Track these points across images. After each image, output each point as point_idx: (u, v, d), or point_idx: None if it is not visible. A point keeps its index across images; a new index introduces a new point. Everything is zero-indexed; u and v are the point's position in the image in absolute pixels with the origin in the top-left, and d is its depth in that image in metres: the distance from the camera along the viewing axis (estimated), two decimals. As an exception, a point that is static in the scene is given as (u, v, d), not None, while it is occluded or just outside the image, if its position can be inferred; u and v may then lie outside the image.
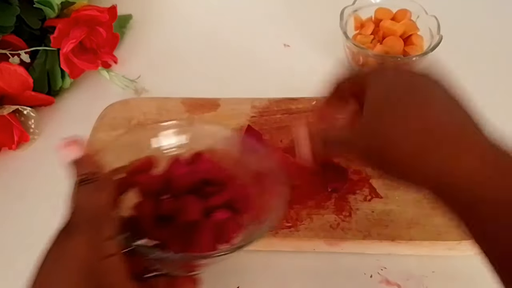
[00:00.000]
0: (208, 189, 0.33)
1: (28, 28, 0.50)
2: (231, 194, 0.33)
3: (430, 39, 0.50)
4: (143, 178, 0.32)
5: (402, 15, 0.52)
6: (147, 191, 0.32)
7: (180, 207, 0.31)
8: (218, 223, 0.31)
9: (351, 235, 0.38)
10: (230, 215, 0.32)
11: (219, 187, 0.33)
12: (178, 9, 0.65)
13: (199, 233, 0.30)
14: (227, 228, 0.31)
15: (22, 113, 0.47)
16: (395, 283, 0.37)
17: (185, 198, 0.32)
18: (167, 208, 0.31)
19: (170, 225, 0.31)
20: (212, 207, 0.31)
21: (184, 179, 0.32)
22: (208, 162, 0.34)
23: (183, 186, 0.32)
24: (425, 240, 0.37)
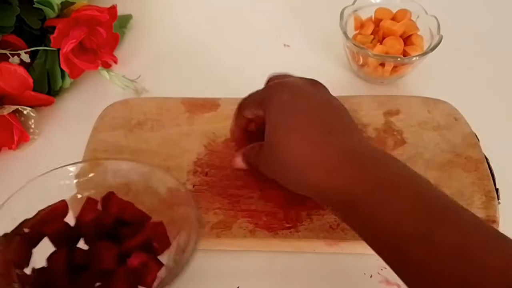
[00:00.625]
0: (123, 230, 0.32)
1: (28, 28, 0.49)
2: (147, 233, 0.32)
3: (430, 39, 0.50)
4: (51, 228, 0.31)
5: (402, 15, 0.52)
6: (58, 240, 0.31)
7: (93, 255, 0.30)
8: (134, 269, 0.30)
9: (351, 236, 0.37)
10: (147, 257, 0.30)
11: (135, 227, 0.32)
12: (178, 9, 0.65)
13: (114, 282, 0.29)
14: (144, 272, 0.30)
15: (22, 113, 0.47)
16: (395, 283, 0.37)
17: (99, 245, 0.30)
18: (80, 257, 0.30)
19: (85, 275, 0.30)
20: (128, 251, 0.30)
21: (95, 223, 0.31)
22: (119, 202, 0.33)
23: (95, 231, 0.31)
24: (425, 240, 0.37)
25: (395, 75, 0.51)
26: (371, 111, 0.46)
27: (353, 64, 0.53)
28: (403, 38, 0.51)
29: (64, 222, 0.32)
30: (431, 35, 0.50)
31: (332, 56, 0.56)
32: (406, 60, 0.48)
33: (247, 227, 0.38)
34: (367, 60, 0.50)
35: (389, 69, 0.50)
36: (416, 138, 0.43)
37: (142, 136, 0.45)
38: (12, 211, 0.31)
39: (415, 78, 0.53)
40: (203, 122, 0.46)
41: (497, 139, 0.45)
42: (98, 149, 0.44)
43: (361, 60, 0.51)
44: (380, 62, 0.49)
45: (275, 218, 0.38)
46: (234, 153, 0.39)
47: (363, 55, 0.50)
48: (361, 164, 0.30)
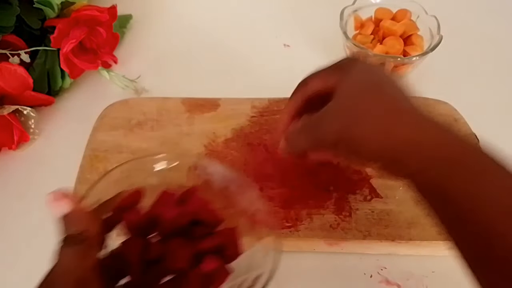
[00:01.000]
0: (197, 229, 0.31)
1: (28, 28, 0.49)
2: (221, 238, 0.31)
3: (430, 39, 0.50)
4: (130, 216, 0.31)
5: (402, 15, 0.52)
6: (135, 229, 0.31)
7: (167, 252, 0.30)
8: (207, 273, 0.30)
9: (351, 235, 0.38)
10: (219, 264, 0.30)
11: (209, 228, 0.32)
12: (178, 9, 0.65)
13: (187, 284, 0.29)
14: (215, 279, 0.30)
15: (22, 113, 0.47)
16: (395, 283, 0.37)
17: (173, 242, 0.30)
18: (154, 251, 0.30)
19: (156, 269, 0.30)
20: (201, 252, 0.30)
21: (174, 221, 0.31)
22: (199, 201, 0.33)
23: (172, 227, 0.31)
24: (425, 240, 0.37)
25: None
26: (371, 111, 0.46)
27: None
28: (403, 38, 0.51)
29: (143, 212, 0.32)
30: (431, 35, 0.50)
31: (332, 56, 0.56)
32: (406, 60, 0.48)
33: (247, 227, 0.38)
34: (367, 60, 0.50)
35: (389, 69, 0.50)
36: (416, 138, 0.43)
37: (142, 136, 0.45)
38: (98, 193, 0.31)
39: (415, 78, 0.53)
40: (203, 122, 0.46)
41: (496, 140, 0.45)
42: (98, 149, 0.44)
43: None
44: (380, 62, 0.49)
45: (275, 218, 0.38)
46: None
47: (363, 55, 0.50)
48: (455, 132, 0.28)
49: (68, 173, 0.43)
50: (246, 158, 0.43)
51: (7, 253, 0.40)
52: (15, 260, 0.40)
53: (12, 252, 0.41)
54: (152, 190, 0.33)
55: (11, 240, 0.41)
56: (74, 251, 0.25)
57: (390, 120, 0.28)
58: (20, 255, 0.40)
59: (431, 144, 0.27)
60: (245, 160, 0.43)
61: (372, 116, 0.29)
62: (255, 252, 0.32)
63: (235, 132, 0.45)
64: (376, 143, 0.28)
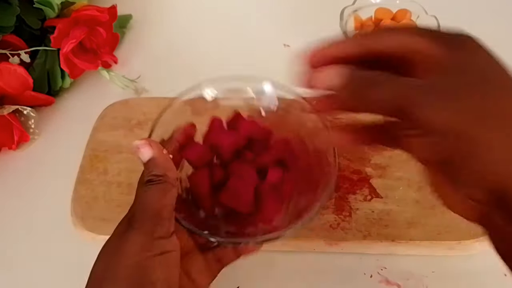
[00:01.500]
0: (254, 147, 0.33)
1: (28, 28, 0.49)
2: (277, 150, 0.32)
3: None
4: (191, 151, 0.32)
5: (402, 15, 0.52)
6: (197, 161, 0.32)
7: (233, 173, 0.31)
8: (275, 183, 0.31)
9: (351, 235, 0.38)
10: (283, 172, 0.31)
11: (264, 144, 0.33)
12: (178, 9, 0.65)
13: (263, 199, 0.30)
14: (282, 187, 0.31)
15: (22, 113, 0.47)
16: (395, 283, 0.37)
17: (235, 164, 0.32)
18: (219, 176, 0.31)
19: (227, 194, 0.31)
20: (263, 167, 0.31)
21: (232, 145, 0.32)
22: (249, 123, 0.34)
23: (231, 152, 0.32)
24: (425, 240, 0.37)
25: None
26: (371, 111, 0.46)
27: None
28: (403, 38, 0.51)
29: (201, 145, 0.33)
30: None
31: (332, 56, 0.56)
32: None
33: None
34: None
35: (389, 69, 0.50)
36: (416, 138, 0.43)
37: (142, 135, 0.44)
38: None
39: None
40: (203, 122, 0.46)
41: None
42: (98, 149, 0.44)
43: None
44: None
45: None
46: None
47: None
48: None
49: (68, 173, 0.43)
50: (246, 158, 0.43)
51: (7, 253, 0.40)
52: (15, 260, 0.40)
53: (12, 252, 0.41)
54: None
55: (11, 240, 0.41)
56: (155, 190, 0.27)
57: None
58: (20, 255, 0.40)
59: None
60: (245, 160, 0.42)
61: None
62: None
63: (235, 132, 0.45)
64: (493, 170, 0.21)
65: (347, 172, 0.41)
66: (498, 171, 0.21)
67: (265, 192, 0.31)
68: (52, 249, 0.40)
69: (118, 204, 0.40)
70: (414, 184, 0.40)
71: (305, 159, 0.33)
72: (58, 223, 0.41)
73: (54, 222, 0.41)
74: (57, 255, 0.40)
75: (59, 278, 0.38)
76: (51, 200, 0.43)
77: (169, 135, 0.33)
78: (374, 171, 0.41)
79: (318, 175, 0.31)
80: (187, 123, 0.34)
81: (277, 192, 0.31)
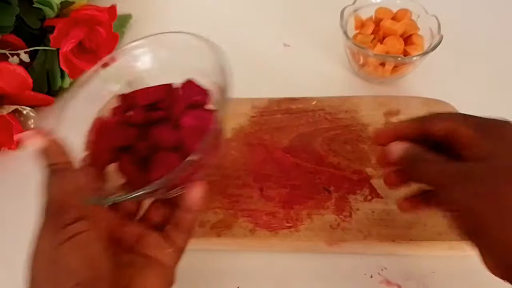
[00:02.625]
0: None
1: (28, 28, 0.49)
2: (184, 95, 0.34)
3: (431, 39, 0.50)
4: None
5: (403, 15, 0.52)
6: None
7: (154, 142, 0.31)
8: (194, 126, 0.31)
9: (351, 236, 0.37)
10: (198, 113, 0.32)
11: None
12: (178, 9, 0.65)
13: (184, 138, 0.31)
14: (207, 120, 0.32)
15: (22, 113, 0.47)
16: (395, 284, 0.37)
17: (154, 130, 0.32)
18: (144, 152, 0.31)
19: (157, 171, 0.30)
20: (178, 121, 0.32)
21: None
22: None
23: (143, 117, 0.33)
24: (425, 240, 0.37)
25: (395, 74, 0.51)
26: (372, 111, 0.46)
27: (353, 64, 0.53)
28: (404, 38, 0.51)
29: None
30: (432, 35, 0.50)
31: (332, 55, 0.56)
32: (407, 60, 0.48)
33: (247, 227, 0.38)
34: (368, 60, 0.50)
35: (389, 68, 0.50)
36: (416, 138, 0.43)
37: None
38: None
39: (415, 78, 0.53)
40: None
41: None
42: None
43: (362, 60, 0.51)
44: (380, 61, 0.49)
45: (275, 218, 0.38)
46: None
47: (363, 55, 0.49)
48: None
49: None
50: (246, 158, 0.43)
51: (7, 253, 0.40)
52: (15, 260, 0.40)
53: (12, 252, 0.40)
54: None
55: (11, 240, 0.41)
56: (51, 180, 0.28)
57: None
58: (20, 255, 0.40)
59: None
60: (245, 160, 0.42)
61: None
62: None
63: (235, 132, 0.45)
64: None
65: (348, 172, 0.41)
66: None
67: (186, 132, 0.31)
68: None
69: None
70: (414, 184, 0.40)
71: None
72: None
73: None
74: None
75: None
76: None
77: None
78: (375, 171, 0.41)
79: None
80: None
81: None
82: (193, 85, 0.34)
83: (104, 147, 0.32)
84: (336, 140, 0.44)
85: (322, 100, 0.47)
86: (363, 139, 0.43)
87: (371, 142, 0.34)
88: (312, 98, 0.47)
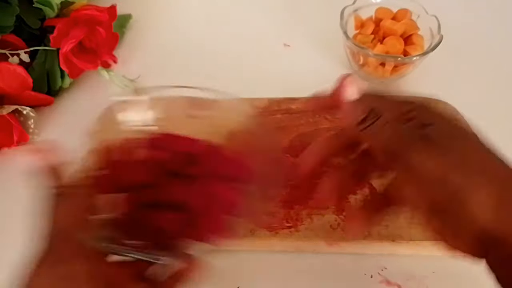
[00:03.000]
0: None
1: (28, 28, 0.50)
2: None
3: (431, 38, 0.50)
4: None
5: (403, 15, 0.52)
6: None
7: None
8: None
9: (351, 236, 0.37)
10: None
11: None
12: (178, 9, 0.65)
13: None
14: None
15: (22, 113, 0.47)
16: (395, 284, 0.37)
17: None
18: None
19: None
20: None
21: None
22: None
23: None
24: (426, 240, 0.37)
25: (395, 74, 0.51)
26: (371, 111, 0.46)
27: (353, 64, 0.53)
28: (404, 38, 0.51)
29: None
30: (432, 35, 0.50)
31: (332, 56, 0.56)
32: (407, 60, 0.48)
33: (247, 227, 0.38)
34: (368, 60, 0.50)
35: (389, 69, 0.50)
36: (416, 138, 0.43)
37: (142, 136, 0.45)
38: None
39: (415, 78, 0.53)
40: (203, 121, 0.46)
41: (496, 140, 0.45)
42: (97, 149, 0.43)
43: (362, 60, 0.51)
44: (380, 62, 0.49)
45: (275, 218, 0.38)
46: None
47: (363, 55, 0.49)
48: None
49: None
50: (246, 158, 0.43)
51: (7, 253, 0.40)
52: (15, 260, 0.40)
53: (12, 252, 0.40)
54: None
55: (11, 240, 0.41)
56: (62, 205, 0.26)
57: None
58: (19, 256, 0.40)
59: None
60: (245, 160, 0.42)
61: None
62: None
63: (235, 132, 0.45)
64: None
65: (347, 172, 0.41)
66: (483, 214, 0.23)
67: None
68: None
69: (117, 204, 0.40)
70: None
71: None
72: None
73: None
74: (56, 256, 0.40)
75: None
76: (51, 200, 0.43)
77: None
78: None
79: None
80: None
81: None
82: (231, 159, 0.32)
83: (127, 179, 0.30)
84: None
85: (322, 100, 0.47)
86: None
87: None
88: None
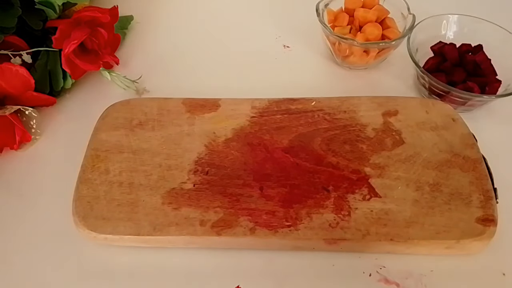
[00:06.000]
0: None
1: (30, 29, 0.50)
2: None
3: (403, 19, 0.52)
4: None
5: (371, 1, 0.53)
6: None
7: None
8: None
9: (350, 234, 0.38)
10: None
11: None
12: (179, 10, 0.65)
13: None
14: None
15: (24, 113, 0.48)
16: (394, 282, 0.38)
17: None
18: None
19: None
20: None
21: None
22: None
23: None
24: (424, 239, 0.37)
25: (378, 59, 0.53)
26: (370, 111, 0.46)
27: (336, 56, 0.54)
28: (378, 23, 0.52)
29: None
30: (403, 16, 0.52)
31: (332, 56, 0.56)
32: (392, 44, 0.50)
33: (247, 226, 0.38)
34: (353, 50, 0.51)
35: (374, 55, 0.51)
36: (414, 138, 0.44)
37: (143, 135, 0.45)
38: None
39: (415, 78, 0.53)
40: (203, 122, 0.46)
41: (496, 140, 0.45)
42: (99, 149, 0.44)
43: (347, 51, 0.52)
44: (364, 49, 0.50)
45: (275, 217, 0.39)
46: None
47: (348, 46, 0.50)
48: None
49: (69, 172, 0.43)
50: (246, 158, 0.43)
51: (8, 253, 0.41)
52: (16, 260, 0.40)
53: (13, 252, 0.41)
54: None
55: (12, 240, 0.42)
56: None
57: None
58: (21, 255, 0.41)
59: None
60: (245, 160, 0.43)
61: None
62: None
63: (235, 132, 0.45)
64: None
65: (347, 171, 0.42)
66: None
67: None
68: (53, 249, 0.41)
69: (119, 203, 0.40)
70: (413, 183, 0.40)
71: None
72: (60, 222, 0.41)
73: (55, 221, 0.42)
74: (58, 255, 0.40)
75: (60, 277, 0.39)
76: (53, 199, 0.43)
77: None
78: (373, 170, 0.42)
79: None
80: None
81: None
82: None
83: None
84: (335, 140, 0.44)
85: (321, 101, 0.47)
86: (361, 139, 0.44)
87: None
88: (311, 98, 0.47)
